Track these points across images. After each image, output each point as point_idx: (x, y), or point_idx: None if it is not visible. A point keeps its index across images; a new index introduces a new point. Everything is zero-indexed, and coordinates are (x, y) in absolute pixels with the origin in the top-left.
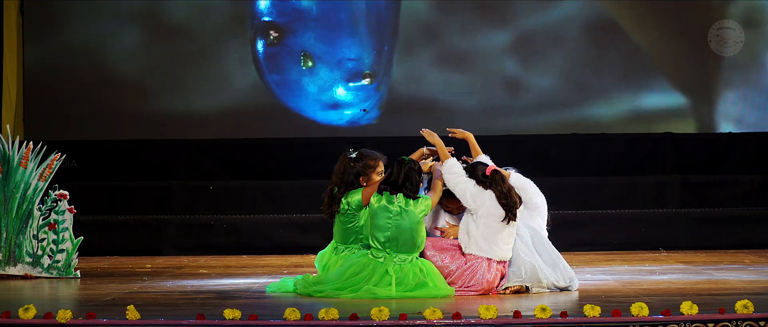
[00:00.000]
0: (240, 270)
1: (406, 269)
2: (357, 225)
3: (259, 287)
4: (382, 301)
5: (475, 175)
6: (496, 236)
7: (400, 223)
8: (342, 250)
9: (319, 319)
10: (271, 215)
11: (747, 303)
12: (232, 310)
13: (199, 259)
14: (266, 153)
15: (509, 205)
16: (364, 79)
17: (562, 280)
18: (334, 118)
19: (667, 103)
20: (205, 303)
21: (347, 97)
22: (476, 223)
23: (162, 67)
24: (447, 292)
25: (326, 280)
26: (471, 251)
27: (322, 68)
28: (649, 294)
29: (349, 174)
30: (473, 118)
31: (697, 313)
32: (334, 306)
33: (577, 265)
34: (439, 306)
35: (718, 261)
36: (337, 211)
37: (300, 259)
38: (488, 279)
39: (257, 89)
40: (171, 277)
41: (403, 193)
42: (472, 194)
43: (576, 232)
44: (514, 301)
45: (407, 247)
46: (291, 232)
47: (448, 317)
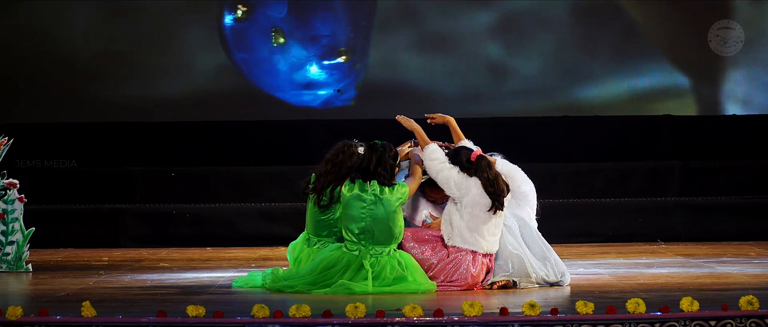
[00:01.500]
0: (204, 263)
1: (383, 262)
2: (332, 217)
3: (224, 282)
4: (358, 296)
5: (459, 161)
6: (481, 227)
7: (375, 213)
8: (315, 242)
9: (290, 316)
10: (238, 204)
11: (752, 299)
12: (196, 306)
13: (160, 251)
14: (233, 137)
15: (496, 194)
16: (339, 56)
17: (552, 275)
18: (307, 99)
19: (665, 83)
20: (166, 299)
21: (321, 77)
22: (460, 212)
23: (120, 46)
24: (428, 287)
25: (297, 275)
26: (454, 243)
27: (295, 45)
28: (646, 289)
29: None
30: (455, 103)
31: (698, 309)
32: (305, 302)
33: (568, 258)
34: (420, 302)
35: (721, 253)
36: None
37: (269, 251)
38: (473, 273)
39: (224, 68)
40: (130, 270)
41: (377, 180)
42: (456, 182)
43: (567, 222)
44: (501, 296)
45: (384, 239)
46: (259, 222)
47: (429, 314)
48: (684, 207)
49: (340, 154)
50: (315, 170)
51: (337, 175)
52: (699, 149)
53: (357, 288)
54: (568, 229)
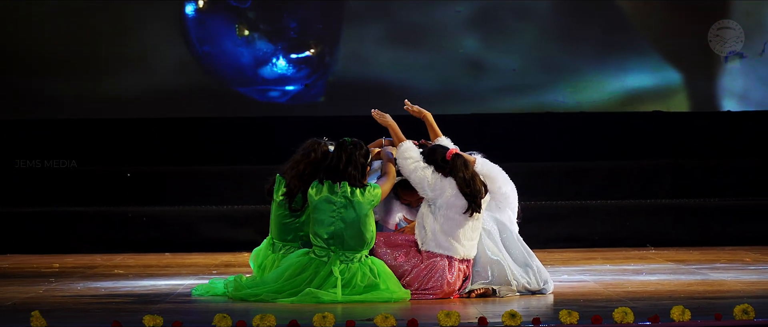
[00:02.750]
0: (162, 270)
1: (354, 269)
2: (298, 221)
3: (183, 290)
4: (327, 305)
5: (434, 160)
6: (457, 231)
7: (346, 217)
8: (280, 247)
9: (254, 326)
10: (199, 206)
11: (747, 307)
12: (153, 316)
13: (115, 257)
14: (194, 134)
15: (472, 195)
16: (308, 49)
17: (534, 282)
18: (273, 95)
19: (656, 77)
20: (121, 308)
21: (289, 71)
22: (434, 215)
23: (72, 39)
24: (401, 296)
25: (262, 282)
26: (428, 248)
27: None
28: (634, 297)
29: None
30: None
31: (690, 319)
32: (270, 312)
33: (551, 264)
34: (392, 311)
35: (715, 259)
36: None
37: (231, 257)
38: (449, 280)
39: (184, 62)
40: (82, 278)
41: (347, 181)
42: (430, 182)
43: (551, 226)
44: (480, 305)
45: (355, 244)
46: (221, 225)
47: (402, 324)
48: (675, 209)
49: (311, 153)
50: (281, 171)
51: (313, 177)
52: (692, 148)
53: (325, 296)
54: (551, 233)
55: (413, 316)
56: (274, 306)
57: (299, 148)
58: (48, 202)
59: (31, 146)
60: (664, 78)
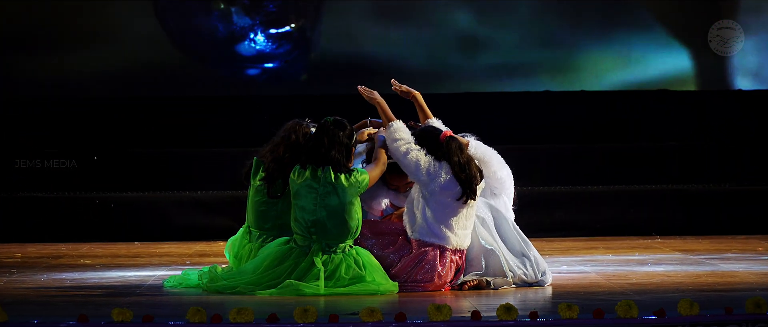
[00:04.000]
0: (131, 260)
1: (338, 260)
2: (276, 208)
3: (155, 281)
4: (308, 299)
5: (427, 142)
6: (450, 219)
7: (328, 203)
8: (257, 235)
9: (230, 320)
10: (171, 192)
11: (759, 300)
12: (122, 309)
13: (81, 246)
14: (165, 115)
15: (467, 181)
16: (288, 24)
17: (531, 273)
18: (251, 73)
19: (662, 54)
20: (88, 301)
21: (267, 47)
22: (426, 200)
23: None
24: (388, 288)
25: (238, 273)
26: (419, 237)
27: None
28: (638, 290)
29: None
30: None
31: (699, 313)
32: (248, 305)
33: (550, 254)
34: (379, 305)
35: (725, 249)
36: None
37: (206, 246)
38: (440, 272)
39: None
40: (46, 268)
41: (331, 166)
42: (424, 166)
43: (549, 213)
44: (473, 298)
45: (338, 233)
46: (195, 212)
47: (389, 318)
48: (683, 195)
49: (291, 134)
50: (259, 154)
51: (294, 161)
52: (701, 129)
53: (307, 289)
54: (549, 221)
55: (401, 310)
56: (251, 299)
57: (280, 130)
58: (8, 187)
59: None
60: (672, 54)
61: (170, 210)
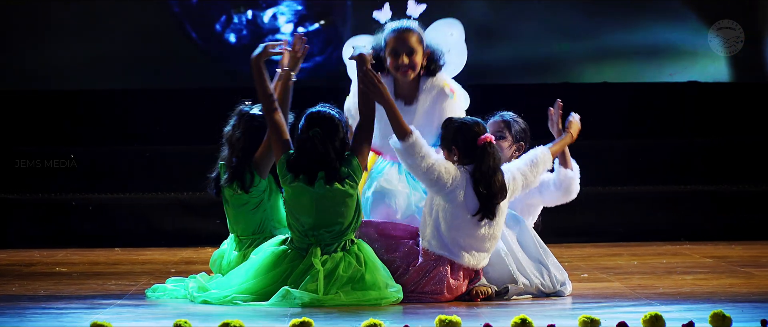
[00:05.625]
0: (111, 267)
1: (337, 258)
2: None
3: (137, 291)
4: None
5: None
6: (463, 235)
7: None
8: (248, 243)
9: None
10: (155, 193)
11: None
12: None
13: (57, 252)
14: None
15: (489, 196)
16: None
17: (549, 283)
18: None
19: (691, 42)
20: (64, 312)
21: None
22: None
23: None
24: (391, 299)
25: (228, 281)
26: (430, 247)
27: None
28: (665, 300)
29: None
30: None
31: (731, 325)
32: (238, 316)
33: (569, 261)
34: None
35: (760, 255)
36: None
37: (193, 253)
38: (451, 284)
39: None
40: (18, 277)
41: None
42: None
43: (568, 217)
44: (485, 309)
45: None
46: (181, 216)
47: None
48: (714, 197)
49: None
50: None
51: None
52: (734, 125)
53: (306, 297)
54: (569, 225)
55: (406, 323)
56: (242, 310)
57: (230, 126)
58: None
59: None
60: (701, 43)
61: (154, 213)
